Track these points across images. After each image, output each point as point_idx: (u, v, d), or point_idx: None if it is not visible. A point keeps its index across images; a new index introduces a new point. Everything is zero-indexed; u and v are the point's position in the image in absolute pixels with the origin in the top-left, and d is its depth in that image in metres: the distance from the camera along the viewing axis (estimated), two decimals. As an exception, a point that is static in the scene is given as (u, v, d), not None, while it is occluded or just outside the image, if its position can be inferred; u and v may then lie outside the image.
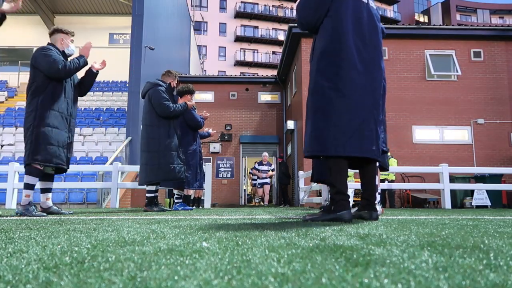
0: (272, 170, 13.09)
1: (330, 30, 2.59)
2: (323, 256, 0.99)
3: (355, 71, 2.53)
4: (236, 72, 35.58)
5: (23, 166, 3.81)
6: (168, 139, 4.91)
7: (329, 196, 4.93)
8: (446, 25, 12.83)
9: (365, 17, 2.65)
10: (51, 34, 4.02)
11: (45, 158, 3.65)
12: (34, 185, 3.70)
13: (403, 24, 13.93)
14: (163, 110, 4.88)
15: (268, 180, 13.32)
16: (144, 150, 4.96)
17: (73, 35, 4.12)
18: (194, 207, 6.77)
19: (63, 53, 3.96)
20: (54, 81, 3.77)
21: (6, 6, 3.31)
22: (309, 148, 2.60)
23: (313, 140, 2.57)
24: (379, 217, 3.14)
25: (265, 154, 13.24)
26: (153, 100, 4.91)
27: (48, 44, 3.97)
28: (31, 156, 3.61)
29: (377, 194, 3.16)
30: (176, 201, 5.89)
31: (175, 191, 5.94)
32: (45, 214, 3.76)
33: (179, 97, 5.70)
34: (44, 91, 3.73)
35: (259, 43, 39.76)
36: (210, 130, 7.12)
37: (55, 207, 3.92)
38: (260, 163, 13.23)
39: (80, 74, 4.14)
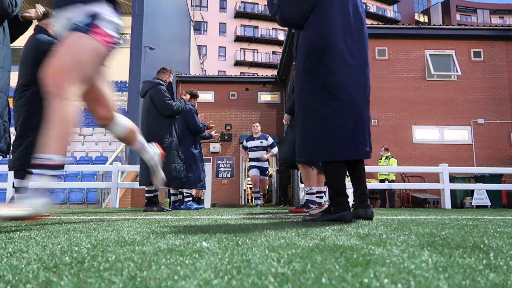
0: (271, 147, 8.06)
1: (316, 26, 2.47)
2: (323, 256, 0.99)
3: (347, 70, 2.42)
4: (236, 72, 35.57)
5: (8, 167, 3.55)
6: (169, 138, 4.92)
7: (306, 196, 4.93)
8: (446, 25, 12.83)
9: (350, 10, 2.52)
10: (41, 19, 3.62)
11: None
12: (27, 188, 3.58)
13: (403, 24, 13.93)
14: (167, 109, 4.92)
15: (263, 164, 8.36)
16: None
17: None
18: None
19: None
20: None
21: (32, 13, 3.33)
22: (302, 154, 2.52)
23: (306, 145, 2.48)
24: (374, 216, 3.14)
25: (256, 124, 8.61)
26: (156, 99, 4.93)
27: (38, 27, 3.57)
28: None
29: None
30: (186, 199, 5.94)
31: (185, 191, 5.99)
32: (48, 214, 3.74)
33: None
34: None
35: (259, 43, 39.79)
36: (213, 133, 7.06)
37: None
38: (250, 138, 8.45)
39: None
